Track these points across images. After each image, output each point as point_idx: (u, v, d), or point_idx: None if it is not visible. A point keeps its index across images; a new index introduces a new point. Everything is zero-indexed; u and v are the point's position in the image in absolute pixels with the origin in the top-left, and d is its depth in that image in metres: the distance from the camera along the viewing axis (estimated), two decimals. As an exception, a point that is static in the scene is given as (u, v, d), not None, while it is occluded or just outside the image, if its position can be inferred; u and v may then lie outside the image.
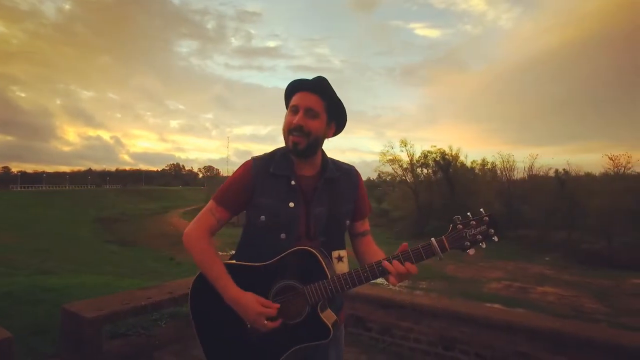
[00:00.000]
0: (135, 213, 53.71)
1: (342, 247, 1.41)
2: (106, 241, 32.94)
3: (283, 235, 1.34)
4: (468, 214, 1.23)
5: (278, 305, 1.30)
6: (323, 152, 1.44)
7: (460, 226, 1.22)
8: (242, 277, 1.33)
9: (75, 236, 32.80)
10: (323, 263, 1.28)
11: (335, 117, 1.41)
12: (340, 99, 1.39)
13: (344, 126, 1.46)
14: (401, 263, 1.22)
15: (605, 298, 17.29)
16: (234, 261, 1.40)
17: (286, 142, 1.36)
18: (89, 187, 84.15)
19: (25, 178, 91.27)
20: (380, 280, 1.33)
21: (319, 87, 1.35)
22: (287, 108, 1.40)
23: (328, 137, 1.42)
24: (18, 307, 3.65)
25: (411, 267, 1.21)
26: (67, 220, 41.14)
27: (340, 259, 1.38)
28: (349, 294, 3.44)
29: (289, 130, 1.34)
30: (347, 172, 1.47)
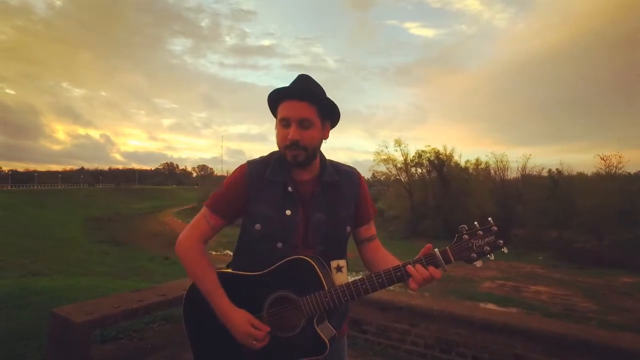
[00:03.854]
0: (129, 212, 53.39)
1: (342, 257, 1.33)
2: (99, 241, 32.59)
3: (280, 244, 1.27)
4: (475, 223, 1.16)
5: (268, 329, 1.25)
6: (321, 154, 1.36)
7: (466, 236, 1.15)
8: (237, 287, 1.29)
9: (68, 236, 32.45)
10: (320, 273, 1.22)
11: (329, 117, 1.34)
12: (332, 97, 1.30)
13: (338, 120, 1.37)
14: (424, 267, 1.16)
15: (596, 296, 17.44)
16: (229, 270, 1.36)
17: (284, 155, 1.27)
18: (81, 186, 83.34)
19: (17, 177, 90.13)
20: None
21: (307, 92, 1.26)
22: (274, 116, 1.31)
23: (325, 138, 1.34)
24: (4, 311, 3.57)
25: (434, 272, 1.14)
26: (59, 220, 40.72)
27: (339, 269, 1.30)
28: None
29: (284, 146, 1.26)
30: (347, 174, 1.39)
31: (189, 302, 1.37)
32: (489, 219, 1.16)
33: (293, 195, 1.29)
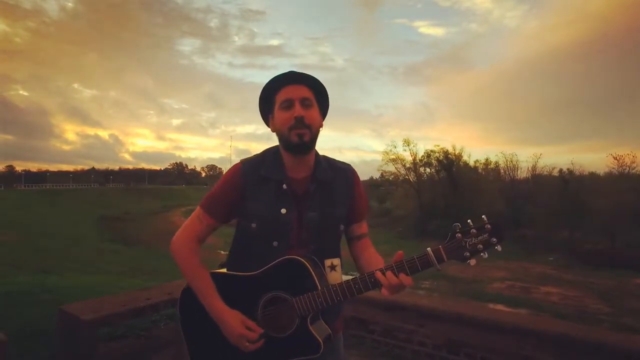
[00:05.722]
0: (139, 212, 53.82)
1: (336, 256, 1.33)
2: (109, 240, 32.98)
3: (275, 243, 1.27)
4: (469, 221, 1.13)
5: (261, 331, 1.24)
6: (315, 151, 1.35)
7: (460, 235, 1.12)
8: (231, 287, 1.29)
9: (78, 235, 32.85)
10: (313, 273, 1.22)
11: (323, 107, 1.36)
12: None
13: (327, 111, 1.39)
14: (395, 274, 1.14)
15: (609, 298, 17.17)
16: (222, 270, 1.36)
17: (288, 139, 1.25)
18: (92, 186, 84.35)
19: (29, 177, 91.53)
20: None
21: (305, 77, 1.29)
22: (269, 111, 1.32)
23: (320, 126, 1.33)
24: (17, 308, 3.62)
25: (405, 279, 1.13)
26: (71, 219, 41.26)
27: (333, 267, 1.30)
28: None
29: (289, 127, 1.24)
30: (342, 171, 1.38)
31: (184, 303, 1.37)
32: (483, 217, 1.13)
33: (287, 193, 1.28)
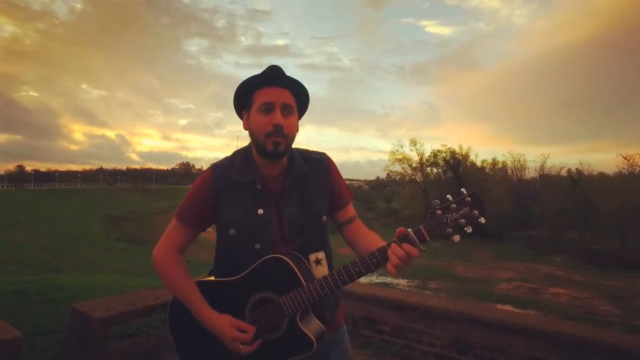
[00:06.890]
0: (146, 212, 54.17)
1: (320, 249, 1.30)
2: (117, 239, 33.27)
3: (258, 246, 1.24)
4: (448, 196, 1.09)
5: (254, 329, 1.22)
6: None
7: (440, 211, 1.08)
8: (217, 293, 1.27)
9: (87, 234, 33.17)
10: (296, 270, 1.18)
11: (301, 112, 1.31)
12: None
13: (303, 114, 1.35)
14: (380, 261, 1.11)
15: (619, 300, 16.96)
16: (210, 277, 1.34)
17: (263, 146, 1.21)
18: (100, 185, 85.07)
19: (39, 177, 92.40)
20: (388, 280, 1.20)
21: (289, 81, 1.22)
22: (244, 107, 1.27)
23: (297, 132, 1.28)
24: (27, 306, 3.66)
25: (409, 249, 1.07)
26: (79, 218, 41.65)
27: (318, 262, 1.27)
28: (359, 295, 3.39)
29: (265, 134, 1.19)
30: (317, 162, 1.34)
31: (173, 315, 1.35)
32: (462, 189, 1.09)
33: (262, 192, 1.25)
